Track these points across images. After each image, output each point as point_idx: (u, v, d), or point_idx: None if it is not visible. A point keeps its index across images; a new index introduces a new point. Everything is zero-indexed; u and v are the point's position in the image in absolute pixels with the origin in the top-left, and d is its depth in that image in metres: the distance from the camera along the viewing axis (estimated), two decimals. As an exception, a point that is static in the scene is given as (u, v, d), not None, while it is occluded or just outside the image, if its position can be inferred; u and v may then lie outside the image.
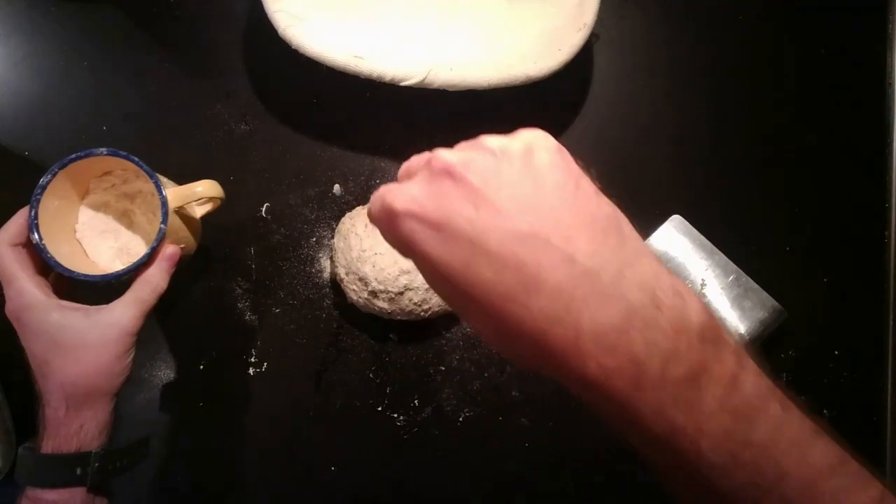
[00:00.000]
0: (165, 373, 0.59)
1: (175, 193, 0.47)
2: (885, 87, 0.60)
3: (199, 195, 0.49)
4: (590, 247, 0.24)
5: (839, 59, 0.61)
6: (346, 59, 0.53)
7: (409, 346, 0.59)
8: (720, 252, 0.56)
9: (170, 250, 0.46)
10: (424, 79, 0.53)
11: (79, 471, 0.42)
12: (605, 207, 0.25)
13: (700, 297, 0.55)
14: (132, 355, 0.45)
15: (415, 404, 0.59)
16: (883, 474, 0.56)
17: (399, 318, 0.55)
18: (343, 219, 0.58)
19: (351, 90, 0.60)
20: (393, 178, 0.60)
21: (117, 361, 0.43)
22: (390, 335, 0.59)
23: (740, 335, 0.55)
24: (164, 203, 0.45)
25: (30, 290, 0.42)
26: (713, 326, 0.24)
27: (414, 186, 0.26)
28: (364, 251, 0.53)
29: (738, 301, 0.55)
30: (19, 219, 0.44)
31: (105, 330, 0.43)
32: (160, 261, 0.45)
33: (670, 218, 0.58)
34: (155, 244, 0.45)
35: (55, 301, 0.43)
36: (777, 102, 0.61)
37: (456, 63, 0.54)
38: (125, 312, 0.44)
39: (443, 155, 0.26)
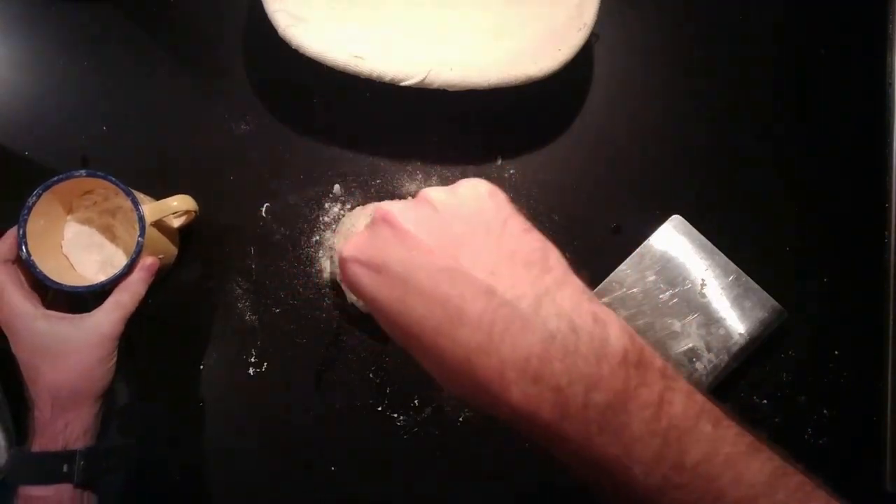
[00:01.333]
0: (165, 373, 0.59)
1: (151, 209, 0.51)
2: (885, 87, 0.60)
3: (174, 209, 0.53)
4: (510, 279, 0.25)
5: (839, 59, 0.61)
6: (346, 59, 0.53)
7: (409, 346, 0.59)
8: (720, 252, 0.56)
9: (149, 261, 0.50)
10: (424, 79, 0.53)
11: (65, 468, 0.45)
12: (531, 242, 0.27)
13: (700, 296, 0.56)
14: (114, 360, 0.48)
15: (415, 404, 0.59)
16: (883, 475, 0.56)
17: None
18: (343, 219, 0.58)
19: (351, 90, 0.60)
20: (392, 177, 0.60)
21: (99, 365, 0.47)
22: (390, 335, 0.59)
23: (740, 335, 0.55)
24: (142, 219, 0.49)
25: (18, 301, 0.46)
26: (637, 350, 0.24)
27: (360, 236, 0.29)
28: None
29: (738, 301, 0.55)
30: (9, 237, 0.48)
31: (88, 336, 0.46)
32: (139, 270, 0.49)
33: (670, 218, 0.58)
34: (134, 256, 0.49)
35: (42, 311, 0.47)
36: (777, 102, 0.61)
37: (456, 63, 0.54)
38: (107, 318, 0.47)
39: (384, 206, 0.29)
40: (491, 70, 0.54)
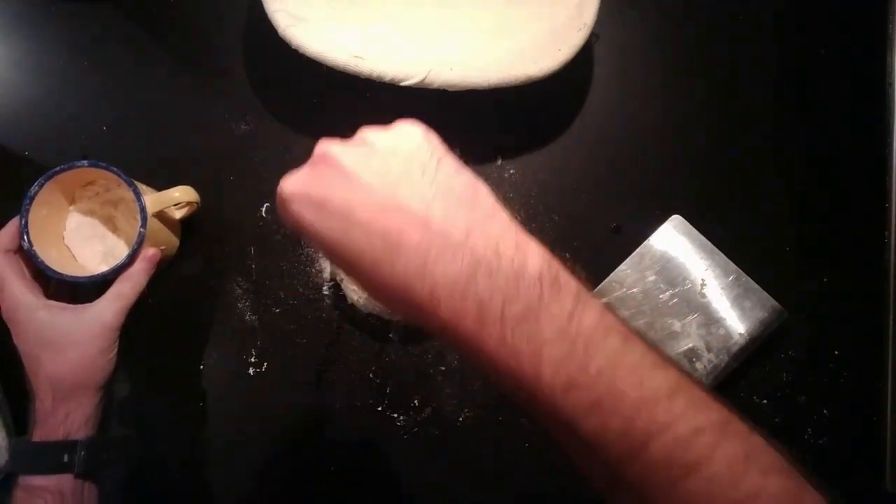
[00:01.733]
0: (166, 373, 0.59)
1: (153, 200, 0.51)
2: (885, 87, 0.60)
3: (176, 200, 0.53)
4: (443, 212, 0.28)
5: (839, 59, 0.61)
6: (346, 59, 0.53)
7: (409, 346, 0.59)
8: (720, 252, 0.56)
9: (150, 252, 0.50)
10: (424, 79, 0.53)
11: (66, 458, 0.45)
12: (464, 180, 0.30)
13: (700, 296, 0.56)
14: (115, 350, 0.48)
15: (415, 404, 0.59)
16: (883, 475, 0.56)
17: (399, 318, 0.55)
18: (343, 219, 0.58)
19: (351, 90, 0.60)
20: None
21: (101, 355, 0.47)
22: (390, 335, 0.59)
23: (740, 335, 0.55)
24: (143, 209, 0.49)
25: (20, 291, 0.46)
26: (552, 273, 0.28)
27: (300, 173, 0.30)
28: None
29: (738, 301, 0.55)
30: (11, 227, 0.48)
31: (89, 326, 0.46)
32: (140, 261, 0.49)
33: (670, 218, 0.58)
34: (136, 247, 0.49)
35: (43, 301, 0.47)
36: (777, 102, 0.61)
37: (456, 63, 0.54)
38: (108, 308, 0.47)
39: (323, 145, 0.30)
40: (491, 70, 0.54)
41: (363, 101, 0.61)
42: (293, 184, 0.30)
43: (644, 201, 0.60)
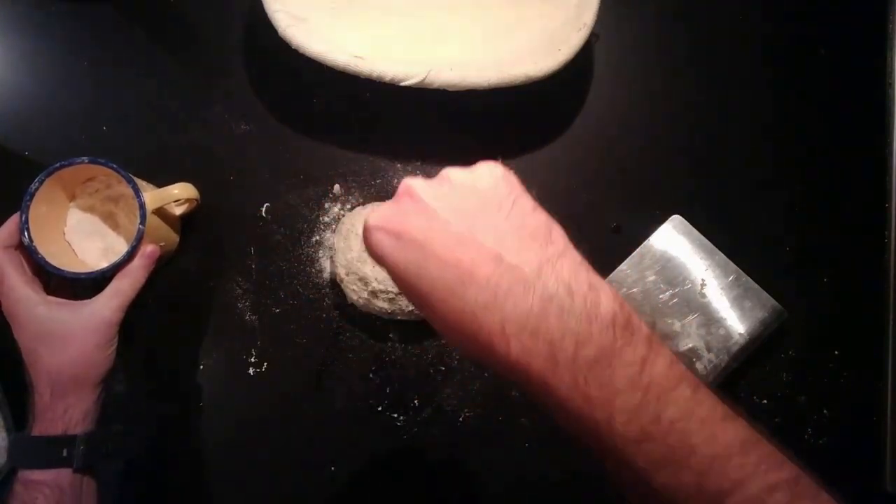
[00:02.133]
0: (165, 373, 0.59)
1: (152, 196, 0.51)
2: (885, 87, 0.60)
3: (175, 197, 0.53)
4: (516, 248, 0.28)
5: (839, 59, 0.61)
6: (347, 59, 0.53)
7: (409, 346, 0.59)
8: (720, 252, 0.56)
9: (149, 248, 0.50)
10: (424, 79, 0.53)
11: (65, 452, 0.45)
12: (538, 218, 0.30)
13: (700, 296, 0.56)
14: (114, 346, 0.48)
15: (415, 404, 0.59)
16: (883, 475, 0.56)
17: (399, 318, 0.55)
18: (343, 219, 0.58)
19: (351, 90, 0.60)
20: (392, 177, 0.60)
21: (99, 351, 0.47)
22: (390, 335, 0.59)
23: (740, 335, 0.55)
24: (142, 206, 0.49)
25: (19, 286, 0.46)
26: (625, 315, 0.27)
27: (384, 207, 0.32)
28: (364, 251, 0.53)
29: (738, 301, 0.55)
30: (10, 223, 0.48)
31: (88, 321, 0.46)
32: (139, 257, 0.49)
33: (670, 218, 0.58)
34: (135, 243, 0.49)
35: (42, 296, 0.47)
36: (777, 102, 0.61)
37: (456, 63, 0.54)
38: (107, 304, 0.47)
39: (407, 181, 0.31)
40: (491, 70, 0.54)
41: (363, 101, 0.61)
42: (377, 215, 0.31)
43: (644, 201, 0.60)
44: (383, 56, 0.54)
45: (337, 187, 0.60)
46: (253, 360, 0.59)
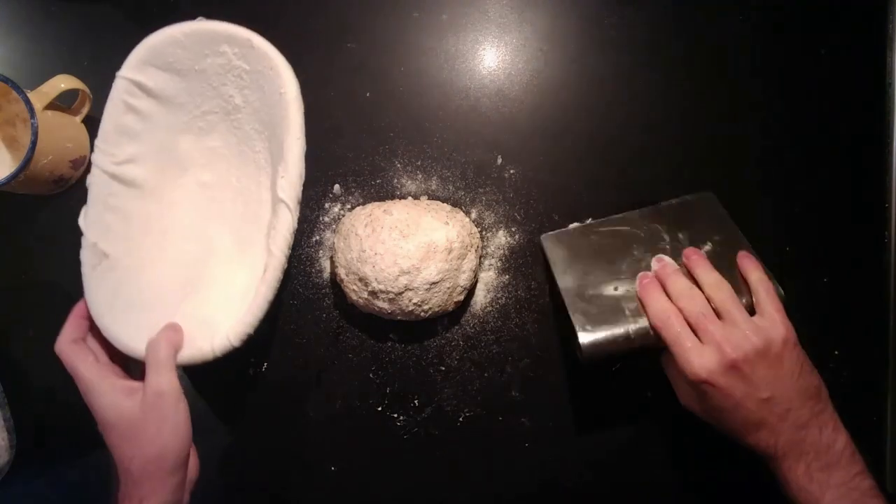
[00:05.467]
0: (165, 373, 0.59)
1: (37, 93, 0.50)
2: (885, 87, 0.60)
3: (61, 89, 0.53)
4: (798, 405, 0.44)
5: (839, 59, 0.61)
6: None
7: (409, 346, 0.59)
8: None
9: (172, 323, 0.49)
10: None
11: None
12: (814, 381, 0.45)
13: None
14: (182, 425, 0.46)
15: (415, 404, 0.59)
16: (883, 475, 0.56)
17: (399, 318, 0.55)
18: (343, 219, 0.58)
19: (351, 90, 0.60)
20: (392, 177, 0.60)
21: (161, 435, 0.45)
22: (390, 335, 0.59)
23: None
24: (27, 101, 0.49)
25: (86, 378, 0.46)
26: (851, 447, 0.44)
27: (712, 363, 0.45)
28: (364, 251, 0.53)
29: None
30: (74, 318, 0.48)
31: (146, 404, 0.45)
32: (163, 330, 0.49)
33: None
34: (33, 137, 0.48)
35: (109, 385, 0.46)
36: (777, 102, 0.61)
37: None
38: (155, 379, 0.46)
39: (733, 353, 0.44)
40: None
41: (363, 101, 0.61)
42: (708, 371, 0.45)
43: (645, 201, 0.60)
44: None
45: (337, 187, 0.60)
46: (253, 360, 0.59)
